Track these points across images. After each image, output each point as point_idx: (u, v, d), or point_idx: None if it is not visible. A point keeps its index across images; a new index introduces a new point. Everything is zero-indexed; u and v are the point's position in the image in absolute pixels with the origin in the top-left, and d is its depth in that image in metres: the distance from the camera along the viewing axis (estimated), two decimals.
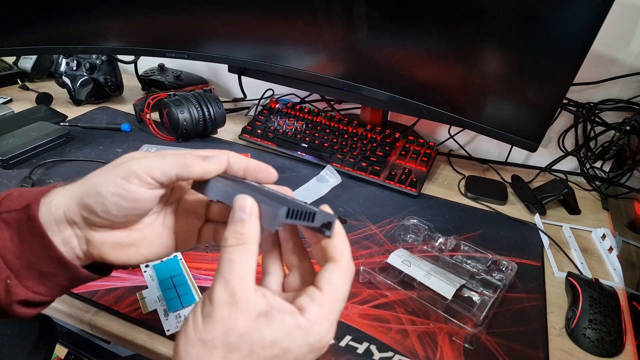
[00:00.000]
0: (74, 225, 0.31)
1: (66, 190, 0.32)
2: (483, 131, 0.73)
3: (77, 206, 0.31)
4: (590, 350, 0.51)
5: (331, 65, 0.84)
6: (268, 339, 0.26)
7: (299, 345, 0.27)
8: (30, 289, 0.31)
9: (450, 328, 0.51)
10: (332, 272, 0.29)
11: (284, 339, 0.26)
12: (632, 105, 0.79)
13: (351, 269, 0.30)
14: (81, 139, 0.88)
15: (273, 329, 0.26)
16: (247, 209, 0.28)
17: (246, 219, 0.28)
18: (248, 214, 0.28)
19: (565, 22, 0.60)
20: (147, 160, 0.31)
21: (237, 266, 0.27)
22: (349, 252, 0.30)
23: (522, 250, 0.65)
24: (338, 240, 0.30)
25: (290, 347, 0.27)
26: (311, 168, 0.83)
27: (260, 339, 0.26)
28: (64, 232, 0.31)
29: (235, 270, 0.27)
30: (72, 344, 0.90)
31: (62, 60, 0.99)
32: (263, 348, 0.26)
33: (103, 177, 0.31)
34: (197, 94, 0.89)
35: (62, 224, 0.31)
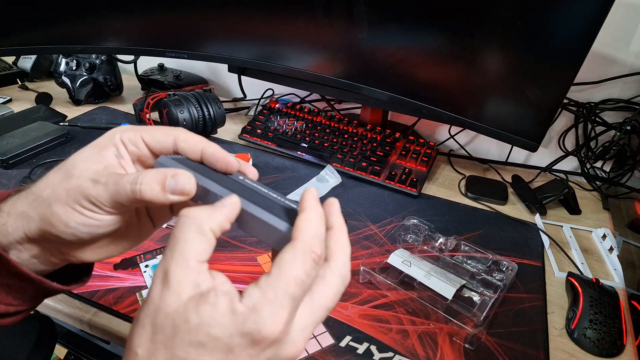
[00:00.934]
0: (41, 243, 0.29)
1: (18, 212, 0.29)
2: (483, 131, 0.73)
3: (41, 231, 0.28)
4: (590, 351, 0.50)
5: (331, 64, 0.84)
6: (193, 323, 0.23)
7: (230, 333, 0.23)
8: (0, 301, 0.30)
9: (450, 328, 0.51)
10: (284, 252, 0.25)
11: (211, 325, 0.23)
12: (632, 105, 0.79)
13: (308, 249, 0.25)
14: (81, 139, 0.88)
15: (200, 312, 0.23)
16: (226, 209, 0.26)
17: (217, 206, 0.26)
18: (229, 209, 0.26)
19: (565, 22, 0.60)
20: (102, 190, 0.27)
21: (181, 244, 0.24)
22: (312, 229, 0.26)
23: (523, 250, 0.65)
24: (300, 217, 0.26)
25: (218, 335, 0.23)
26: (311, 168, 0.83)
27: (184, 321, 0.23)
28: (31, 250, 0.29)
29: (179, 248, 0.24)
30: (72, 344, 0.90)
31: (62, 60, 0.99)
32: (187, 332, 0.23)
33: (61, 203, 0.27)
34: (196, 94, 0.89)
35: (27, 243, 0.29)
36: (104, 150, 0.30)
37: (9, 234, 0.29)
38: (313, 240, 0.25)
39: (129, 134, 0.30)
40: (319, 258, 0.25)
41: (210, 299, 0.23)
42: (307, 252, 0.25)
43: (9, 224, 0.29)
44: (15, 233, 0.29)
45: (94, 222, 0.28)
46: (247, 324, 0.23)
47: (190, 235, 0.25)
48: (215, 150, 0.31)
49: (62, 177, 0.29)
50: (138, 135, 0.30)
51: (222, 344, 0.23)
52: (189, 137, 0.31)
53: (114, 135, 0.30)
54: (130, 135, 0.30)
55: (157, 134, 0.30)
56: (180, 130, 0.31)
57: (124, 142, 0.30)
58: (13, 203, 0.29)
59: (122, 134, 0.30)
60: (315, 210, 0.27)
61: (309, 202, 0.27)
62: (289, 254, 0.25)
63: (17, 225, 0.29)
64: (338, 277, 0.26)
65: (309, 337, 0.26)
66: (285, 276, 0.24)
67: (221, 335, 0.23)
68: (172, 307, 0.23)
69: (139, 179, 0.26)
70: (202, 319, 0.23)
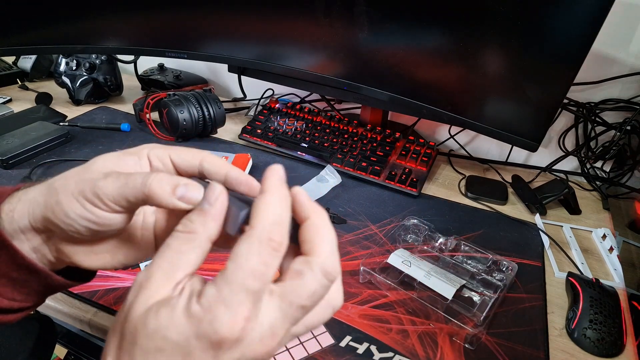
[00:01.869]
0: (42, 234, 0.29)
1: (29, 197, 0.29)
2: (483, 131, 0.73)
3: (43, 219, 0.28)
4: (590, 351, 0.50)
5: (331, 64, 0.84)
6: (150, 328, 0.22)
7: (186, 337, 0.21)
8: (4, 295, 0.30)
9: (450, 328, 0.51)
10: (239, 243, 0.23)
11: (168, 328, 0.21)
12: (632, 105, 0.79)
13: (265, 236, 0.23)
14: (81, 139, 0.88)
15: (159, 317, 0.22)
16: (211, 198, 0.25)
17: (205, 209, 0.25)
18: (210, 203, 0.25)
19: (565, 22, 0.60)
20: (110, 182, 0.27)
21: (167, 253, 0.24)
22: (271, 213, 0.23)
23: (523, 250, 0.65)
24: (258, 201, 0.24)
25: (175, 339, 0.21)
26: (311, 168, 0.83)
27: (143, 326, 0.22)
28: (32, 241, 0.29)
29: (164, 256, 0.24)
30: (72, 344, 0.90)
31: (62, 60, 0.99)
32: (146, 337, 0.22)
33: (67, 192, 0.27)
34: (196, 94, 0.89)
35: (30, 233, 0.29)
36: (126, 156, 0.30)
37: (14, 220, 0.29)
38: (271, 227, 0.23)
39: (157, 151, 0.31)
40: (279, 245, 0.23)
41: (171, 302, 0.22)
42: (264, 240, 0.23)
43: (16, 209, 0.29)
44: (21, 220, 0.29)
45: (92, 217, 0.27)
46: (203, 325, 0.21)
47: (185, 248, 0.24)
48: (239, 175, 0.30)
49: (79, 171, 0.29)
50: (166, 153, 0.31)
51: (179, 348, 0.22)
52: (215, 160, 0.30)
53: (142, 149, 0.31)
54: (158, 152, 0.31)
55: (185, 154, 0.31)
56: (206, 153, 0.31)
57: (150, 157, 0.31)
58: (26, 191, 0.30)
59: (151, 150, 0.31)
60: (277, 192, 0.25)
61: (269, 183, 0.25)
62: (244, 245, 0.23)
63: (24, 211, 0.29)
64: (318, 272, 0.23)
65: (284, 336, 0.24)
66: (241, 269, 0.22)
67: (177, 339, 0.21)
68: (137, 313, 0.22)
69: (152, 175, 0.26)
70: (160, 323, 0.22)
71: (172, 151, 0.31)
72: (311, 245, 0.24)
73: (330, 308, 0.26)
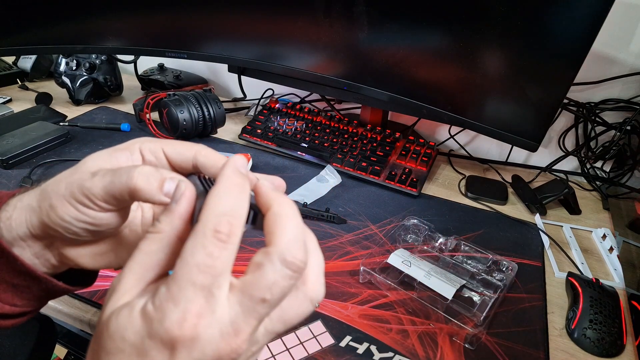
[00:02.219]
0: (43, 240, 0.29)
1: (24, 204, 0.29)
2: (483, 131, 0.73)
3: (41, 224, 0.28)
4: (590, 351, 0.50)
5: (331, 64, 0.84)
6: (111, 329, 0.22)
7: (141, 337, 0.21)
8: (5, 301, 0.29)
9: (450, 328, 0.51)
10: (187, 241, 0.22)
11: (125, 329, 0.21)
12: (632, 105, 0.79)
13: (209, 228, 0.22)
14: (81, 139, 0.88)
15: (119, 318, 0.22)
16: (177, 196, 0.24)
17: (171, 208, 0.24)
18: (175, 202, 0.24)
19: (565, 22, 0.60)
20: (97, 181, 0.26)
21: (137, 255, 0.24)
22: (220, 204, 0.23)
23: (523, 250, 0.65)
24: (209, 192, 0.23)
25: (132, 340, 0.21)
26: (311, 168, 0.83)
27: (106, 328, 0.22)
28: (33, 247, 0.29)
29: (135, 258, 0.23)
30: (72, 344, 0.90)
31: (62, 60, 0.99)
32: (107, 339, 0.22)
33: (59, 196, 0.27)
34: (196, 94, 0.89)
35: (30, 240, 0.29)
36: (117, 152, 0.29)
37: (13, 228, 0.28)
38: (218, 218, 0.22)
39: (149, 144, 0.30)
40: (227, 236, 0.22)
41: (132, 302, 0.22)
42: (209, 232, 0.21)
43: (13, 217, 0.28)
44: (19, 228, 0.28)
45: (86, 218, 0.27)
46: (154, 325, 0.21)
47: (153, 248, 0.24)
48: None
49: (69, 173, 0.28)
50: (159, 146, 0.30)
51: (136, 348, 0.21)
52: (210, 153, 0.29)
53: (134, 143, 0.30)
54: (150, 146, 0.30)
55: (179, 147, 0.30)
56: (201, 146, 0.30)
57: (142, 151, 0.30)
58: (21, 197, 0.29)
59: (143, 144, 0.30)
60: (229, 182, 0.23)
61: (223, 173, 0.24)
62: (190, 240, 0.22)
63: (21, 219, 0.28)
64: (277, 262, 0.22)
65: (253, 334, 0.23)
66: (187, 264, 0.21)
67: (134, 339, 0.21)
68: (105, 315, 0.22)
69: (137, 169, 0.26)
70: (119, 324, 0.21)
71: (165, 144, 0.30)
72: (271, 235, 0.23)
73: (307, 301, 0.25)
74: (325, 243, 0.64)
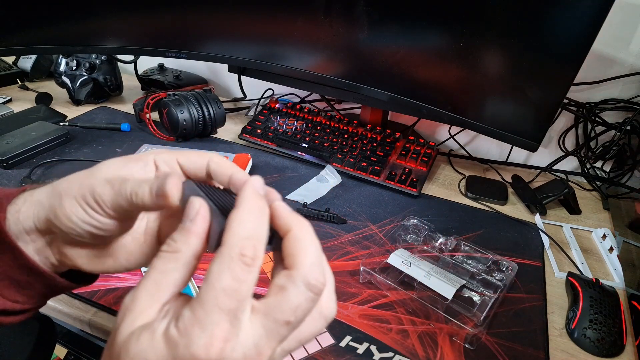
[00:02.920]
0: (46, 235, 0.30)
1: (34, 199, 0.29)
2: (483, 131, 0.73)
3: (47, 221, 0.28)
4: (590, 351, 0.50)
5: (331, 64, 0.84)
6: (132, 352, 0.21)
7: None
8: (7, 297, 0.30)
9: (450, 328, 0.51)
10: (212, 262, 0.22)
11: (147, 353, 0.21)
12: (632, 105, 0.79)
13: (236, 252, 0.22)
14: (81, 139, 0.88)
15: (140, 341, 0.22)
16: (191, 214, 0.24)
17: (186, 227, 0.24)
18: (190, 220, 0.24)
19: (565, 22, 0.60)
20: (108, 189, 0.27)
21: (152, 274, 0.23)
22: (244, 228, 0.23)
23: (523, 250, 0.65)
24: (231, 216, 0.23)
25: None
26: (311, 168, 0.83)
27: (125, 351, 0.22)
28: (36, 242, 0.30)
29: (149, 277, 0.23)
30: (72, 344, 0.90)
31: (62, 60, 0.99)
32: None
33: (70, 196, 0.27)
34: (196, 94, 0.89)
35: (34, 234, 0.29)
36: (131, 162, 0.30)
37: (20, 221, 0.29)
38: (243, 242, 0.22)
39: (163, 155, 0.31)
40: (252, 260, 0.22)
41: (153, 325, 0.22)
42: (235, 256, 0.22)
43: (22, 211, 0.29)
44: (25, 222, 0.29)
45: (93, 222, 0.27)
46: (179, 349, 0.21)
47: (169, 267, 0.24)
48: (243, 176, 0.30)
49: (83, 175, 0.29)
50: (173, 157, 0.31)
51: None
52: (221, 161, 0.30)
53: (148, 155, 0.31)
54: (165, 157, 0.31)
55: (192, 156, 0.31)
56: (213, 154, 0.31)
57: (157, 162, 0.31)
58: (32, 192, 0.30)
59: (157, 155, 0.31)
60: (251, 205, 0.24)
61: (242, 196, 0.24)
62: (216, 263, 0.22)
63: (29, 213, 0.29)
64: (301, 285, 0.23)
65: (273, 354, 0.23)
66: (213, 289, 0.21)
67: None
68: (122, 337, 0.22)
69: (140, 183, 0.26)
70: (140, 348, 0.21)
71: (179, 155, 0.31)
72: (293, 258, 0.24)
73: (322, 319, 0.26)
74: (325, 243, 0.64)
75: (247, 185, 0.25)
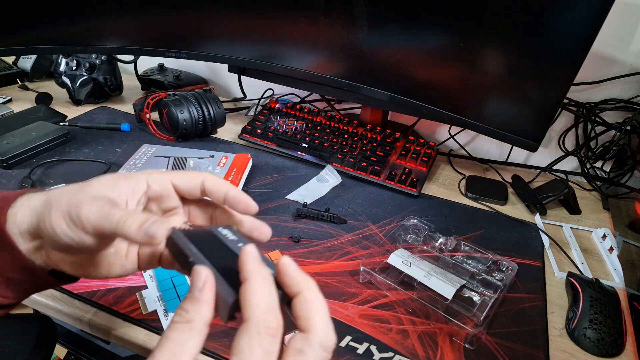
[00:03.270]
0: (36, 239, 0.32)
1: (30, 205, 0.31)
2: (483, 131, 0.73)
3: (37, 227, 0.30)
4: (590, 351, 0.50)
5: (331, 64, 0.84)
6: None
7: None
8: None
9: (450, 328, 0.51)
10: (239, 338, 0.24)
11: None
12: (632, 105, 0.79)
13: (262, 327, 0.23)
14: (81, 139, 0.88)
15: None
16: (199, 284, 0.25)
17: (196, 297, 0.25)
18: (199, 290, 0.25)
19: (565, 22, 0.60)
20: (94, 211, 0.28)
21: (167, 345, 0.24)
22: (262, 301, 0.24)
23: (523, 250, 0.65)
24: (245, 289, 0.24)
25: None
26: (311, 168, 0.83)
27: None
28: (28, 244, 0.31)
29: (165, 349, 0.24)
30: (72, 344, 0.90)
31: (62, 60, 0.99)
32: None
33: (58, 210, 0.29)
34: (196, 94, 0.89)
35: (27, 236, 0.31)
36: (121, 180, 0.31)
37: (16, 223, 0.31)
38: (266, 315, 0.24)
39: (157, 175, 0.32)
40: (276, 330, 0.24)
41: None
42: (262, 331, 0.23)
43: (19, 214, 0.31)
44: (21, 225, 0.31)
45: (75, 237, 0.29)
46: None
47: (184, 337, 0.24)
48: (238, 194, 0.32)
49: (74, 190, 0.30)
50: (167, 177, 0.32)
51: None
52: (216, 180, 0.32)
53: (141, 174, 0.32)
54: (158, 177, 0.32)
55: (186, 175, 0.32)
56: (207, 173, 0.32)
57: (149, 182, 0.32)
58: (30, 196, 0.32)
59: (150, 175, 0.32)
60: (259, 276, 0.25)
61: (249, 268, 0.25)
62: (244, 340, 0.23)
63: (24, 217, 0.31)
64: (318, 348, 0.24)
65: None
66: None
67: None
68: None
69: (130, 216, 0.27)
70: None
71: (173, 175, 0.32)
72: (307, 321, 0.25)
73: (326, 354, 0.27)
74: (325, 243, 0.64)
75: (247, 257, 0.25)
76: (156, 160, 0.77)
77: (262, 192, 0.74)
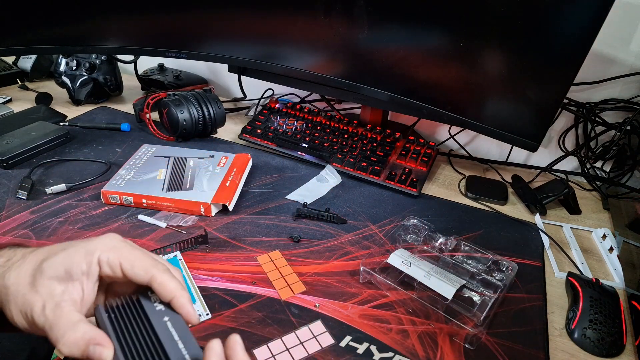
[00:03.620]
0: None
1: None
2: (483, 131, 0.73)
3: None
4: (590, 351, 0.50)
5: (331, 64, 0.84)
6: None
7: None
8: None
9: (450, 328, 0.51)
10: None
11: None
12: (632, 105, 0.79)
13: None
14: (81, 139, 0.88)
15: None
16: None
17: None
18: None
19: (565, 22, 0.60)
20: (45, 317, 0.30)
21: None
22: None
23: (523, 250, 0.65)
24: None
25: None
26: (311, 168, 0.83)
27: None
28: None
29: None
30: None
31: (62, 60, 0.99)
32: None
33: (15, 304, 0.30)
34: (196, 94, 0.89)
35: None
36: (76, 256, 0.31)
37: None
38: None
39: (109, 254, 0.32)
40: None
41: None
42: None
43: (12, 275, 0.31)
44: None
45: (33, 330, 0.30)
46: None
47: None
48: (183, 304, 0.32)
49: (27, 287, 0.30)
50: (118, 260, 0.32)
51: None
52: (166, 282, 0.31)
53: (96, 249, 0.32)
54: (110, 257, 0.32)
55: (137, 267, 0.32)
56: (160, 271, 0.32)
57: (101, 261, 0.32)
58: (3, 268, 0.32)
59: (103, 253, 0.32)
60: None
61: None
62: None
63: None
64: None
65: None
66: None
67: None
68: None
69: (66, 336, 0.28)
70: None
71: (124, 259, 0.32)
72: None
73: None
74: (325, 243, 0.64)
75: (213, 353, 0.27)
76: (156, 160, 0.77)
77: (262, 192, 0.74)
